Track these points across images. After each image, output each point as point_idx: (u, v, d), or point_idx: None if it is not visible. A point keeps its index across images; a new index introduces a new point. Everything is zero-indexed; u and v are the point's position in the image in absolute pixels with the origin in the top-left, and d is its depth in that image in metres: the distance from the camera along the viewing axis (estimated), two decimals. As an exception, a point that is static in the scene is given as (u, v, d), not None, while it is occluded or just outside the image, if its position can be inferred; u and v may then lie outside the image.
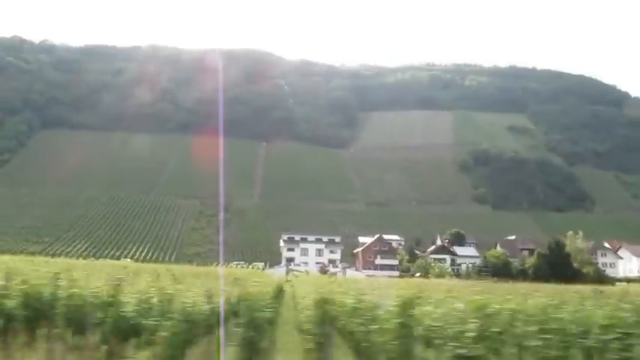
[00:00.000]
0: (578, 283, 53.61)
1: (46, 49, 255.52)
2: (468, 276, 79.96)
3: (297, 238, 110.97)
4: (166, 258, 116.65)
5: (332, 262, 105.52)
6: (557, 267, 68.58)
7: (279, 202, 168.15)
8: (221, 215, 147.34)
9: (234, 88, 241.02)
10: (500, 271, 70.04)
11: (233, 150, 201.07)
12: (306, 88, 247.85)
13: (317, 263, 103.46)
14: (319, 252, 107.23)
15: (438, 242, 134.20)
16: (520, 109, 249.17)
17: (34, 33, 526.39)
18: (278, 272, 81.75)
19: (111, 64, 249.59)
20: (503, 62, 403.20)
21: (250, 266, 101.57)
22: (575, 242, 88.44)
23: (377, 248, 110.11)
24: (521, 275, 68.39)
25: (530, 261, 77.82)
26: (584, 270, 73.65)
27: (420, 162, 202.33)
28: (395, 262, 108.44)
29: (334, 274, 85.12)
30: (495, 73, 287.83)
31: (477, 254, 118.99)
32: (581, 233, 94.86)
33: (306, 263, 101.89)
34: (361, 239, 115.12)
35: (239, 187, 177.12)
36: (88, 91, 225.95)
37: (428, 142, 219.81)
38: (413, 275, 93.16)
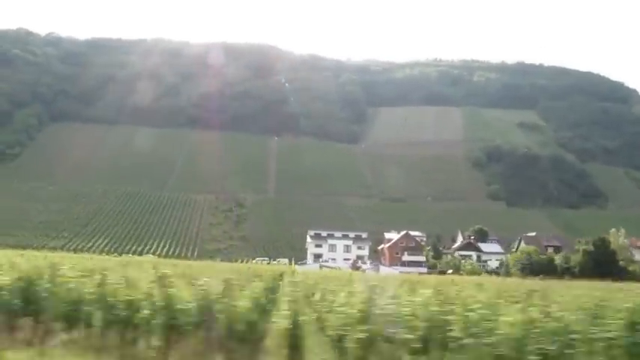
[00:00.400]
0: (630, 281, 52.98)
1: (53, 41, 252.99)
2: (507, 274, 79.36)
3: (324, 234, 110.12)
4: (188, 254, 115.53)
5: (360, 258, 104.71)
6: (603, 265, 68.07)
7: (294, 197, 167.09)
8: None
9: (242, 83, 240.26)
10: (545, 268, 69.41)
11: (244, 144, 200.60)
12: (315, 83, 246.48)
13: (345, 259, 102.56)
14: (347, 248, 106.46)
15: (459, 238, 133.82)
16: (529, 105, 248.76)
17: (40, 25, 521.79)
18: (311, 268, 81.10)
19: (117, 57, 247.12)
20: (510, 59, 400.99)
21: (274, 262, 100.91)
22: (617, 239, 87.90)
23: (403, 244, 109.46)
24: (567, 273, 67.72)
25: (576, 259, 77.14)
26: (630, 268, 73.21)
27: (432, 158, 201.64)
28: (422, 258, 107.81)
29: (365, 270, 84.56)
30: (503, 69, 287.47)
31: (502, 251, 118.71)
32: (623, 230, 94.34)
33: (334, 259, 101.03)
34: (387, 235, 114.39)
35: (253, 181, 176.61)
36: (96, 84, 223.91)
37: (439, 138, 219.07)
38: (444, 272, 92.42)
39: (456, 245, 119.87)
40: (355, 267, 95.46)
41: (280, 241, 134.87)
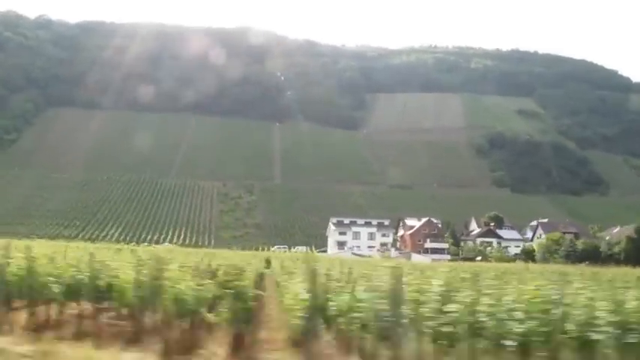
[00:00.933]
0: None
1: (43, 24, 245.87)
2: (544, 260, 79.34)
3: (347, 221, 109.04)
4: (205, 242, 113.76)
5: (384, 245, 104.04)
6: (647, 251, 68.33)
7: (301, 184, 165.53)
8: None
9: (240, 68, 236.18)
10: (589, 255, 69.45)
11: (246, 131, 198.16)
12: (313, 68, 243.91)
13: (369, 247, 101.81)
14: (371, 235, 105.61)
15: (473, 225, 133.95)
16: (526, 93, 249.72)
17: (28, 8, 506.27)
18: (345, 256, 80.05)
19: (111, 41, 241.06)
20: (504, 46, 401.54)
21: (293, 250, 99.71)
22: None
23: (426, 231, 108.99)
24: (610, 260, 67.76)
25: (620, 245, 77.31)
26: (673, 255, 73.69)
27: (434, 145, 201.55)
28: (445, 245, 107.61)
29: (393, 257, 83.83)
30: (498, 56, 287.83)
31: (520, 237, 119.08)
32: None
33: (358, 247, 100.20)
34: (408, 222, 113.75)
35: (258, 168, 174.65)
36: (92, 68, 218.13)
37: (440, 125, 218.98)
38: (471, 259, 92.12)
39: (475, 232, 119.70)
40: (384, 254, 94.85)
41: (294, 228, 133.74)
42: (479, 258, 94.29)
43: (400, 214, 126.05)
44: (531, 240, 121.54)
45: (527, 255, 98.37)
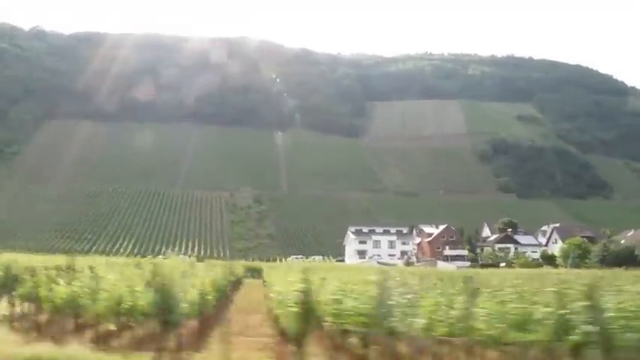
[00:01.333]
0: None
1: (38, 35, 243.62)
2: (574, 265, 78.75)
3: (365, 230, 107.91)
4: (220, 254, 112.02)
5: (404, 253, 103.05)
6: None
7: (308, 192, 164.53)
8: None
9: (239, 77, 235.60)
10: (625, 260, 68.99)
11: (249, 139, 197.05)
12: (312, 77, 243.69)
13: (390, 255, 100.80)
14: (391, 244, 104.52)
15: (486, 231, 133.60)
16: (525, 98, 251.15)
17: (21, 20, 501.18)
18: (367, 265, 78.95)
19: (107, 52, 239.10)
20: (499, 52, 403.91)
21: (310, 260, 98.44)
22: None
23: (444, 238, 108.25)
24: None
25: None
26: None
27: (437, 151, 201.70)
28: (464, 252, 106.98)
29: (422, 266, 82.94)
30: (495, 62, 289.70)
31: (537, 242, 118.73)
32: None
33: (379, 256, 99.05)
34: (426, 229, 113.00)
35: (264, 177, 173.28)
36: (90, 79, 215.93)
37: (441, 131, 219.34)
38: (493, 265, 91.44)
39: (492, 238, 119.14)
40: (408, 263, 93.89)
41: (307, 237, 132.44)
42: (503, 264, 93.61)
43: (409, 222, 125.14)
44: (545, 245, 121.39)
45: (548, 260, 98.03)
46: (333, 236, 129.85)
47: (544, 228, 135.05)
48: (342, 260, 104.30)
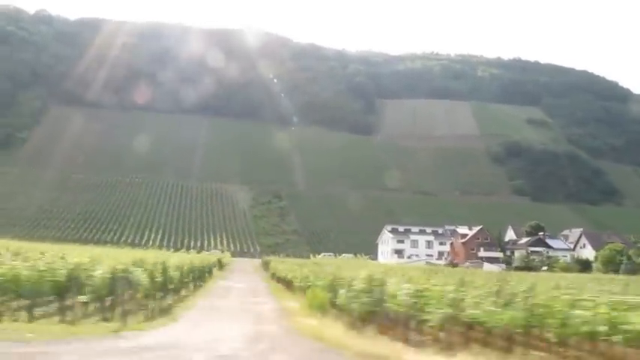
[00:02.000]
0: None
1: (44, 20, 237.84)
2: (630, 271, 78.28)
3: (401, 229, 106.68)
4: (249, 249, 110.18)
5: (441, 254, 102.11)
6: None
7: (327, 188, 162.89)
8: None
9: (248, 70, 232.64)
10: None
11: (260, 133, 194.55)
12: (322, 72, 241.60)
13: (427, 255, 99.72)
14: (429, 244, 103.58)
15: (510, 234, 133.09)
16: (532, 102, 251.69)
17: (25, 2, 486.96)
18: (416, 265, 77.74)
19: (113, 39, 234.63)
20: (505, 55, 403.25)
21: (341, 258, 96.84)
22: None
23: (479, 240, 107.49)
24: None
25: None
26: None
27: (450, 152, 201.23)
28: (499, 254, 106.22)
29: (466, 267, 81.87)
30: (502, 65, 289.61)
31: (567, 247, 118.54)
32: None
33: (417, 255, 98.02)
34: (460, 230, 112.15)
35: (280, 173, 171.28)
36: (96, 66, 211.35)
37: (453, 132, 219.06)
38: (532, 269, 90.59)
39: (522, 241, 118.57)
40: (453, 264, 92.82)
41: (330, 235, 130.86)
42: (544, 268, 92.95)
43: (430, 222, 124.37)
44: (573, 249, 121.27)
45: (584, 265, 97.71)
46: (357, 234, 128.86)
47: (565, 232, 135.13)
48: (374, 259, 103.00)
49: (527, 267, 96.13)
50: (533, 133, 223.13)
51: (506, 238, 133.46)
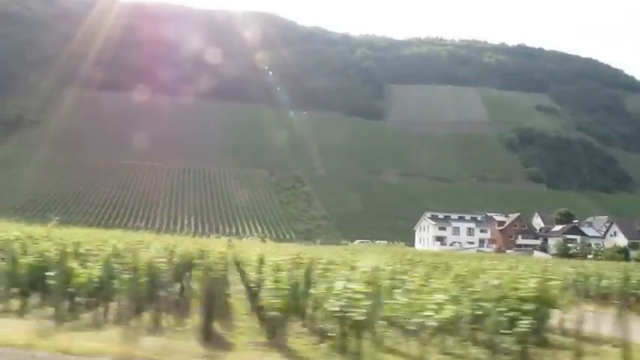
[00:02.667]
0: None
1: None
2: None
3: (441, 216, 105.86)
4: (287, 236, 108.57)
5: (481, 241, 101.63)
6: None
7: (345, 174, 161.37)
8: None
9: (255, 53, 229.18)
10: None
11: (273, 118, 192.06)
12: (331, 56, 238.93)
13: (469, 242, 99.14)
14: (470, 231, 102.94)
15: (538, 221, 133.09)
16: (539, 89, 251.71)
17: None
18: (468, 252, 77.02)
19: (120, 20, 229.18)
20: (509, 41, 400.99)
21: (377, 244, 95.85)
22: None
23: (517, 227, 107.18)
24: None
25: None
26: None
27: (463, 137, 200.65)
28: (536, 242, 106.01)
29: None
30: (506, 51, 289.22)
31: (599, 235, 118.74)
32: None
33: (459, 243, 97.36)
34: (496, 217, 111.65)
35: (298, 157, 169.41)
36: (106, 47, 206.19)
37: (464, 118, 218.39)
38: (573, 256, 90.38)
39: (557, 228, 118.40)
40: (500, 251, 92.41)
41: (360, 220, 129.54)
42: (590, 256, 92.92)
43: (450, 209, 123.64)
44: (603, 237, 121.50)
45: (621, 253, 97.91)
46: (386, 220, 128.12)
47: (589, 219, 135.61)
48: (412, 246, 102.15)
49: (567, 254, 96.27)
50: (544, 119, 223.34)
51: (534, 226, 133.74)
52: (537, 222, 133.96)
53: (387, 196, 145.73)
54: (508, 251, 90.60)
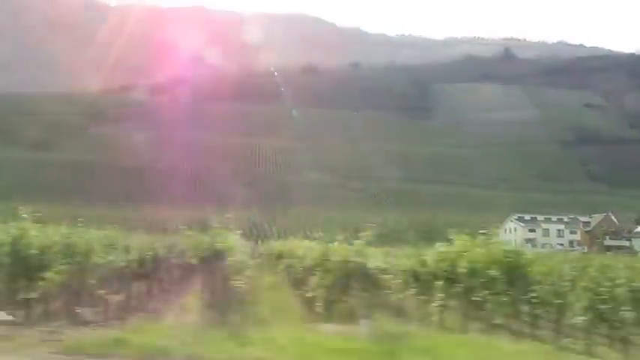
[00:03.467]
0: None
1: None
2: None
3: (528, 217, 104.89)
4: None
5: (571, 243, 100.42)
6: None
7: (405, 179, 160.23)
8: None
9: (301, 56, 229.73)
10: None
11: (327, 119, 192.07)
12: (378, 57, 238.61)
13: (559, 244, 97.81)
14: (559, 232, 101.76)
15: (613, 220, 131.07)
16: (583, 86, 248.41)
17: None
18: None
19: (148, 25, 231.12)
20: (549, 38, 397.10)
21: None
22: None
23: (605, 228, 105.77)
24: None
25: None
26: None
27: (516, 137, 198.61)
28: (626, 243, 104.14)
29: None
30: (547, 48, 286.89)
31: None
32: None
33: (550, 245, 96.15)
34: (582, 218, 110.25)
35: (355, 159, 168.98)
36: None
37: (511, 117, 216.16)
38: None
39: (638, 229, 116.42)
40: (594, 252, 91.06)
41: (430, 226, 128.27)
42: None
43: (519, 210, 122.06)
44: None
45: None
46: (462, 223, 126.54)
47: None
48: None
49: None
50: (594, 117, 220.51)
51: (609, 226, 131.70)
52: (614, 221, 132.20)
53: (460, 199, 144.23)
54: (608, 253, 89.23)
